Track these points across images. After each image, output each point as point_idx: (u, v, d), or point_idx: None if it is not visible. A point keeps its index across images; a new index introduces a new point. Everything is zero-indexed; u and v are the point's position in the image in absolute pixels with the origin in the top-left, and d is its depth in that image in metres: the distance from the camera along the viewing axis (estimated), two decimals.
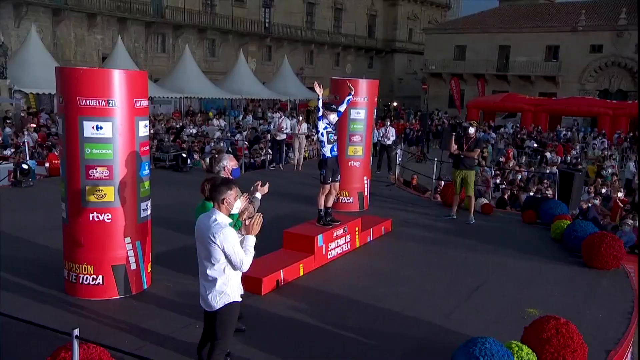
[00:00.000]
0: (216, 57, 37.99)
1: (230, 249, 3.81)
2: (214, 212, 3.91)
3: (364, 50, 51.02)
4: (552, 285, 6.88)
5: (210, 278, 3.91)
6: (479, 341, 4.35)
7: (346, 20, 49.06)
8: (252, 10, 40.18)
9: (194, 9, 35.72)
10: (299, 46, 43.91)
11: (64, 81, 5.40)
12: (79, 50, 31.05)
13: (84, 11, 30.44)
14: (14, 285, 6.04)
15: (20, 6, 27.87)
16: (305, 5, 45.17)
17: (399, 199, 11.43)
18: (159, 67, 33.81)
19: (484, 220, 9.97)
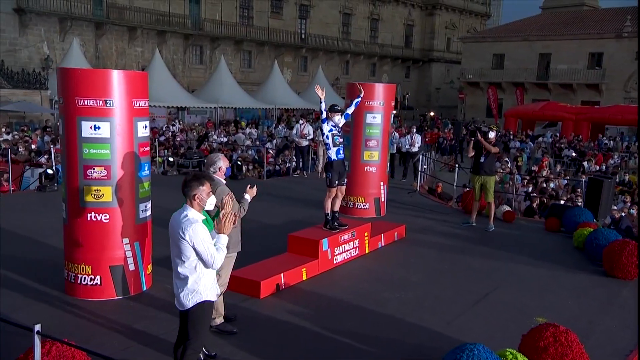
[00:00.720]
0: (252, 68, 38.49)
1: (200, 245, 3.72)
2: (186, 208, 3.85)
3: (401, 60, 50.78)
4: (567, 294, 6.53)
5: (181, 276, 3.84)
6: (467, 347, 4.13)
7: (383, 30, 49.00)
8: (288, 22, 40.60)
9: (231, 21, 36.37)
10: (335, 56, 44.06)
11: (63, 82, 5.49)
12: (120, 62, 31.99)
13: (125, 25, 31.41)
14: (18, 285, 6.13)
15: (65, 21, 28.99)
16: (341, 16, 45.37)
17: (420, 206, 11.18)
18: (197, 78, 34.49)
19: (504, 228, 9.63)
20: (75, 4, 28.95)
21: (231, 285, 6.19)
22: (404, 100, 44.02)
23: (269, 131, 25.95)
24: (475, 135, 9.13)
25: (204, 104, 28.24)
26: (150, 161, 5.92)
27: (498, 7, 72.95)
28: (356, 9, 46.60)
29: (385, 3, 49.28)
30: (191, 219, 3.78)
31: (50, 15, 28.24)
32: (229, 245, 5.11)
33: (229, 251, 5.19)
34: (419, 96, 52.03)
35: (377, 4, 48.66)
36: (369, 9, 47.87)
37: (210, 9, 35.51)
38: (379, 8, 48.81)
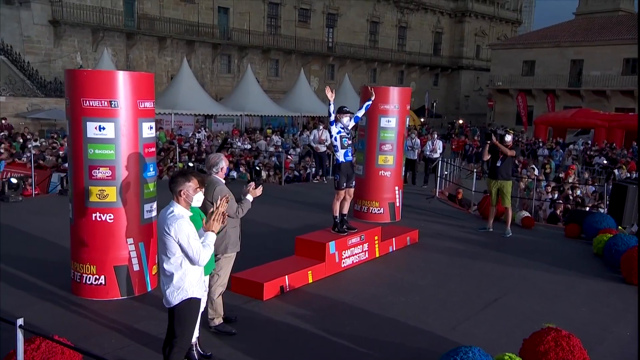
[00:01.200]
0: (279, 77, 38.78)
1: (185, 241, 3.70)
2: (172, 204, 3.85)
3: (429, 68, 50.43)
4: (581, 301, 6.32)
5: (167, 273, 3.82)
6: (462, 350, 4.02)
7: (411, 38, 48.81)
8: (316, 30, 40.81)
9: (258, 31, 36.75)
10: (362, 64, 44.06)
11: (70, 83, 5.60)
12: (150, 71, 32.43)
13: (155, 35, 32.04)
14: (27, 284, 6.24)
15: (97, 31, 29.75)
16: (368, 24, 45.39)
17: (437, 211, 11.01)
18: (225, 87, 34.92)
19: (522, 234, 9.39)
20: (108, 15, 29.70)
21: (235, 287, 6.23)
22: (432, 108, 43.64)
23: (294, 139, 26.04)
24: (490, 138, 8.95)
25: (230, 112, 28.54)
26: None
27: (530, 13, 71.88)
28: (384, 17, 46.55)
29: (414, 11, 49.10)
30: (177, 215, 3.77)
31: (83, 26, 29.02)
32: (228, 244, 5.18)
33: (228, 251, 5.22)
34: (447, 104, 51.53)
35: (406, 12, 48.52)
36: (396, 17, 47.77)
37: (239, 19, 35.96)
38: (407, 16, 48.65)
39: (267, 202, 11.34)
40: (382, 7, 46.22)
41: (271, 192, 12.82)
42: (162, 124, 25.89)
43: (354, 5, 43.75)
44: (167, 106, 25.82)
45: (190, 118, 27.56)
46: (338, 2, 42.44)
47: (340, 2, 42.60)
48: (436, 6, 50.85)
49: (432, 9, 50.55)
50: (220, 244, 5.11)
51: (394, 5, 47.18)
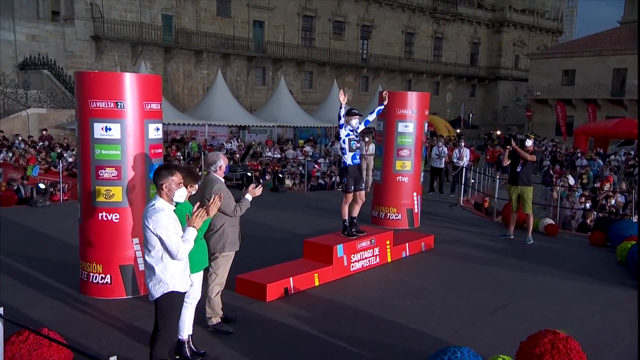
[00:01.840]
0: (313, 89, 39.01)
1: (164, 234, 3.71)
2: (155, 197, 3.89)
3: (466, 79, 49.77)
4: (596, 308, 6.05)
5: (149, 266, 3.84)
6: (450, 350, 3.91)
7: (447, 49, 48.36)
8: (350, 42, 40.95)
9: (293, 43, 37.13)
10: (397, 76, 43.88)
11: (78, 84, 5.75)
12: (187, 84, 33.37)
13: (192, 49, 32.73)
14: (39, 283, 6.40)
15: (137, 46, 30.60)
16: (403, 35, 45.24)
17: (459, 219, 10.79)
18: (259, 99, 35.34)
19: (545, 241, 9.09)
20: (147, 30, 30.55)
21: (239, 289, 6.25)
22: (468, 119, 42.99)
23: (325, 149, 26.10)
24: (509, 143, 8.74)
25: (263, 123, 28.82)
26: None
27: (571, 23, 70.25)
28: (419, 28, 46.32)
29: (450, 22, 48.69)
30: (157, 208, 3.80)
31: (123, 41, 29.92)
32: (226, 243, 5.18)
33: (226, 250, 5.22)
34: (485, 115, 50.69)
35: (442, 23, 48.17)
36: (432, 28, 47.46)
37: (274, 32, 36.44)
38: (443, 27, 48.28)
39: (286, 208, 11.42)
40: (417, 19, 46.02)
41: (293, 199, 12.89)
42: (197, 135, 26.39)
43: (389, 17, 43.73)
44: (201, 117, 26.30)
45: (225, 129, 27.95)
46: (373, 14, 42.51)
47: (375, 14, 42.66)
48: (473, 17, 50.31)
49: (469, 19, 50.02)
50: (218, 243, 5.14)
51: (430, 16, 46.90)
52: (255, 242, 8.57)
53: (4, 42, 25.88)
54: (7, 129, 21.11)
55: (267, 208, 11.20)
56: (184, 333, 4.64)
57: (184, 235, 3.81)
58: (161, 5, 31.24)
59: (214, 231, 5.11)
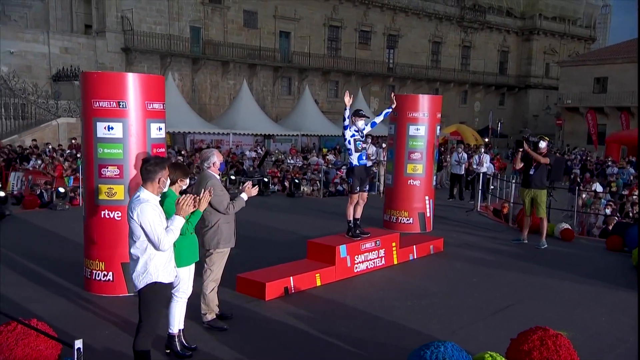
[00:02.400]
0: (339, 98, 39.02)
1: (148, 225, 3.74)
2: (140, 189, 3.94)
3: (495, 87, 49.14)
4: (603, 311, 5.87)
5: (134, 257, 3.88)
6: (434, 344, 3.84)
7: (475, 57, 47.88)
8: (376, 52, 40.96)
9: (319, 53, 37.35)
10: (424, 84, 43.61)
11: (83, 85, 5.91)
12: (214, 94, 33.84)
13: (219, 60, 33.21)
14: (46, 281, 6.55)
15: (165, 57, 31.19)
16: (430, 44, 45.02)
17: (474, 224, 10.62)
18: (285, 108, 35.59)
19: (560, 246, 8.87)
20: (175, 42, 31.15)
21: (239, 287, 6.27)
22: (496, 128, 42.34)
23: None
24: (522, 146, 8.58)
25: (288, 132, 29.03)
26: None
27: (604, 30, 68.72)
28: (447, 37, 46.03)
29: (478, 30, 48.24)
30: (142, 199, 3.84)
31: (152, 53, 30.55)
32: (220, 240, 5.21)
33: (220, 246, 5.25)
34: (514, 123, 49.86)
35: (469, 32, 47.76)
36: (460, 37, 47.10)
37: (300, 43, 36.73)
38: (471, 35, 47.86)
39: (299, 212, 11.45)
40: (444, 28, 45.77)
41: (308, 204, 12.91)
42: (222, 144, 26.69)
43: (416, 26, 43.62)
44: (226, 127, 26.65)
45: (250, 138, 28.23)
46: (399, 23, 42.47)
47: (402, 24, 42.61)
48: (502, 25, 49.73)
49: (497, 27, 49.47)
50: (213, 239, 5.17)
51: (457, 25, 46.59)
52: (262, 244, 8.62)
53: (38, 54, 26.76)
54: (39, 138, 21.74)
55: (279, 212, 11.26)
56: (174, 327, 4.68)
57: (170, 225, 3.85)
58: (189, 18, 31.84)
59: (209, 227, 5.16)
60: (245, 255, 7.70)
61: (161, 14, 30.73)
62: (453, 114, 45.38)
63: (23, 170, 16.14)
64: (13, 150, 18.78)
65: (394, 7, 41.66)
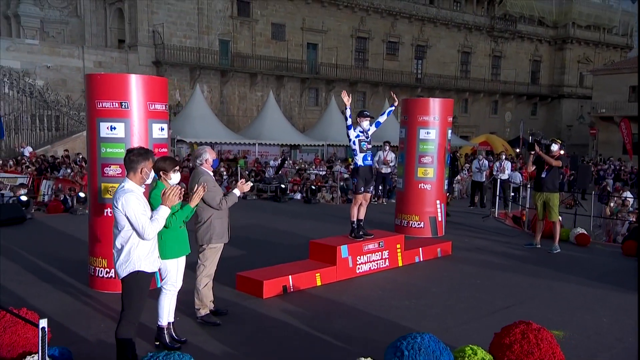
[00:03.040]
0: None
1: (132, 214, 3.84)
2: (124, 179, 4.04)
3: (526, 97, 48.33)
4: (607, 313, 5.71)
5: (118, 246, 3.97)
6: (411, 335, 3.82)
7: (505, 67, 47.26)
8: (404, 63, 40.90)
9: (346, 64, 37.54)
10: (452, 95, 43.11)
11: (87, 87, 6.11)
12: (241, 106, 34.32)
13: (247, 72, 33.71)
14: (54, 278, 6.74)
15: (195, 70, 31.84)
16: (460, 54, 44.68)
17: (489, 229, 10.45)
18: (312, 119, 35.80)
19: (574, 251, 8.65)
20: (205, 55, 31.80)
21: (239, 286, 6.34)
22: (527, 138, 41.54)
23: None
24: (533, 148, 8.44)
25: (314, 142, 29.17)
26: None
27: None
28: (476, 47, 45.63)
29: (509, 40, 47.65)
30: (126, 189, 3.94)
31: (182, 66, 31.24)
32: (212, 235, 5.29)
33: (213, 241, 5.32)
34: (547, 134, 48.71)
35: (500, 41, 47.23)
36: (490, 47, 46.61)
37: (327, 54, 37.00)
38: (501, 45, 47.32)
39: (312, 217, 11.49)
40: (474, 37, 45.40)
41: (324, 210, 12.94)
42: (249, 154, 26.97)
43: (445, 36, 43.40)
44: (252, 137, 26.96)
45: (276, 148, 28.47)
46: (427, 33, 42.35)
47: (430, 34, 42.48)
48: (534, 34, 49.02)
49: (529, 37, 48.78)
50: (205, 235, 5.25)
51: (487, 35, 46.14)
52: (270, 246, 8.69)
53: (73, 68, 27.68)
54: (70, 148, 22.44)
55: (293, 217, 11.32)
56: (163, 319, 4.76)
57: (154, 215, 3.94)
58: (218, 31, 32.46)
59: (202, 223, 5.24)
60: (252, 257, 7.80)
61: (191, 27, 31.44)
62: (483, 124, 44.84)
63: (53, 179, 16.67)
64: (45, 160, 19.43)
65: (422, 18, 41.61)
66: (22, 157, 18.33)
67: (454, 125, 39.99)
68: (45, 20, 30.40)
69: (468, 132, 43.40)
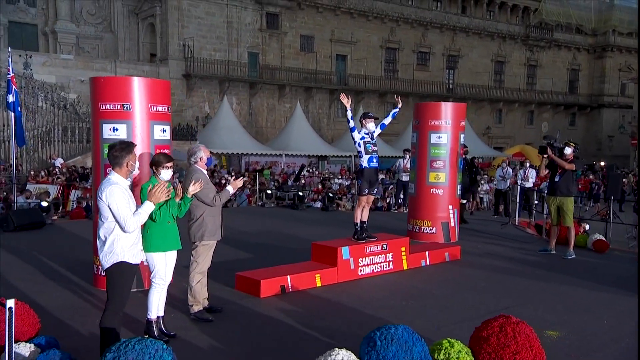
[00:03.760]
0: (396, 119, 38.68)
1: (115, 206, 3.92)
2: (110, 172, 4.13)
3: (564, 107, 47.25)
4: (610, 316, 5.52)
5: (102, 238, 4.05)
6: (385, 327, 3.80)
7: (542, 76, 46.37)
8: (435, 73, 40.64)
9: (375, 75, 37.57)
10: (485, 105, 42.70)
11: (91, 89, 6.30)
12: (270, 117, 34.70)
13: (276, 83, 34.14)
14: (61, 277, 6.90)
15: (224, 82, 32.42)
16: (493, 64, 44.11)
17: (506, 236, 10.21)
18: (340, 130, 35.87)
19: (591, 257, 8.38)
20: (234, 67, 32.37)
21: (238, 285, 6.37)
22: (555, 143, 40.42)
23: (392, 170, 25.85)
24: (545, 152, 8.24)
25: (341, 153, 29.22)
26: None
27: None
28: (510, 56, 44.97)
29: (545, 48, 46.79)
30: (111, 181, 4.03)
31: (212, 78, 31.87)
32: (204, 232, 5.35)
33: (205, 239, 5.37)
34: (587, 145, 47.55)
35: (535, 50, 46.43)
36: (525, 56, 45.87)
37: (356, 65, 37.12)
38: (537, 54, 46.50)
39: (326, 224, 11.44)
40: (508, 47, 44.77)
41: (340, 217, 12.89)
42: (276, 165, 27.19)
43: (477, 46, 42.96)
44: (279, 148, 27.22)
45: (304, 159, 28.62)
46: (459, 43, 42.00)
47: (462, 44, 42.11)
48: (571, 42, 47.97)
49: (566, 45, 47.78)
50: (198, 232, 5.32)
51: (522, 43, 45.43)
52: (277, 250, 8.70)
53: None
54: None
55: (307, 223, 11.32)
56: (152, 313, 4.83)
57: (138, 209, 4.02)
58: (247, 44, 33.01)
59: (194, 220, 5.32)
60: (258, 260, 7.81)
61: (220, 41, 32.06)
62: (518, 135, 44.02)
63: (82, 189, 17.17)
64: (75, 171, 20.03)
65: (453, 28, 41.33)
66: (53, 168, 18.94)
67: (488, 136, 39.73)
68: (81, 36, 31.53)
69: (502, 143, 42.67)
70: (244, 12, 32.67)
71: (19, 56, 23.92)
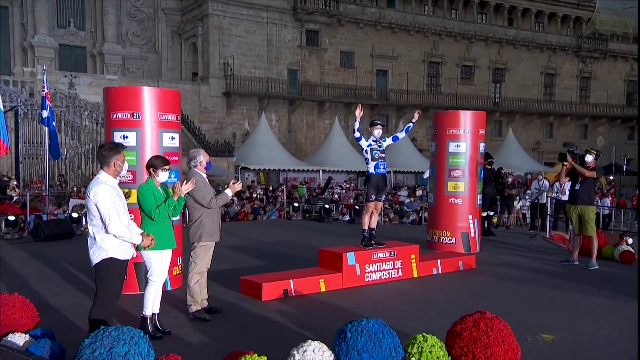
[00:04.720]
0: None
1: (102, 205, 4.10)
2: (100, 172, 4.32)
3: (621, 120, 45.24)
4: (613, 321, 5.35)
5: (91, 235, 4.24)
6: (358, 320, 3.91)
7: (596, 89, 44.66)
8: (480, 87, 39.96)
9: (417, 90, 37.31)
10: (535, 119, 41.51)
11: (105, 99, 6.63)
12: (309, 134, 34.88)
13: (315, 100, 34.38)
14: (72, 279, 7.18)
15: (263, 99, 32.96)
16: (542, 76, 42.93)
17: (531, 247, 9.87)
18: None
19: (616, 268, 8.02)
20: (273, 84, 32.86)
21: (242, 289, 6.49)
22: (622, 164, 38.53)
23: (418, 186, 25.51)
24: (565, 159, 8.01)
25: None
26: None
27: None
28: (561, 69, 43.66)
29: (599, 60, 45.11)
30: (100, 180, 4.23)
31: (251, 95, 32.44)
32: (202, 233, 5.50)
33: (203, 240, 5.52)
34: None
35: (589, 62, 44.87)
36: (577, 67, 44.40)
37: (397, 80, 36.98)
38: (590, 65, 44.89)
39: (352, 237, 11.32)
40: (559, 58, 43.48)
41: None
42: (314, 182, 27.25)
43: (525, 58, 41.94)
44: (316, 164, 27.39)
45: (343, 175, 28.63)
46: (506, 56, 41.15)
47: (509, 56, 41.24)
48: (628, 52, 45.93)
49: (623, 55, 45.86)
50: (196, 233, 5.47)
51: (574, 55, 44.02)
52: (291, 259, 8.72)
53: None
54: None
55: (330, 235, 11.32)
56: (147, 310, 4.99)
57: (131, 228, 4.30)
58: (287, 61, 33.51)
59: (192, 222, 5.48)
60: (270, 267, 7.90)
61: (260, 58, 32.71)
62: None
63: None
64: None
65: (499, 40, 40.56)
66: None
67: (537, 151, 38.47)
68: (127, 57, 32.93)
69: (554, 158, 41.25)
70: (283, 30, 33.28)
71: (64, 76, 25.20)
